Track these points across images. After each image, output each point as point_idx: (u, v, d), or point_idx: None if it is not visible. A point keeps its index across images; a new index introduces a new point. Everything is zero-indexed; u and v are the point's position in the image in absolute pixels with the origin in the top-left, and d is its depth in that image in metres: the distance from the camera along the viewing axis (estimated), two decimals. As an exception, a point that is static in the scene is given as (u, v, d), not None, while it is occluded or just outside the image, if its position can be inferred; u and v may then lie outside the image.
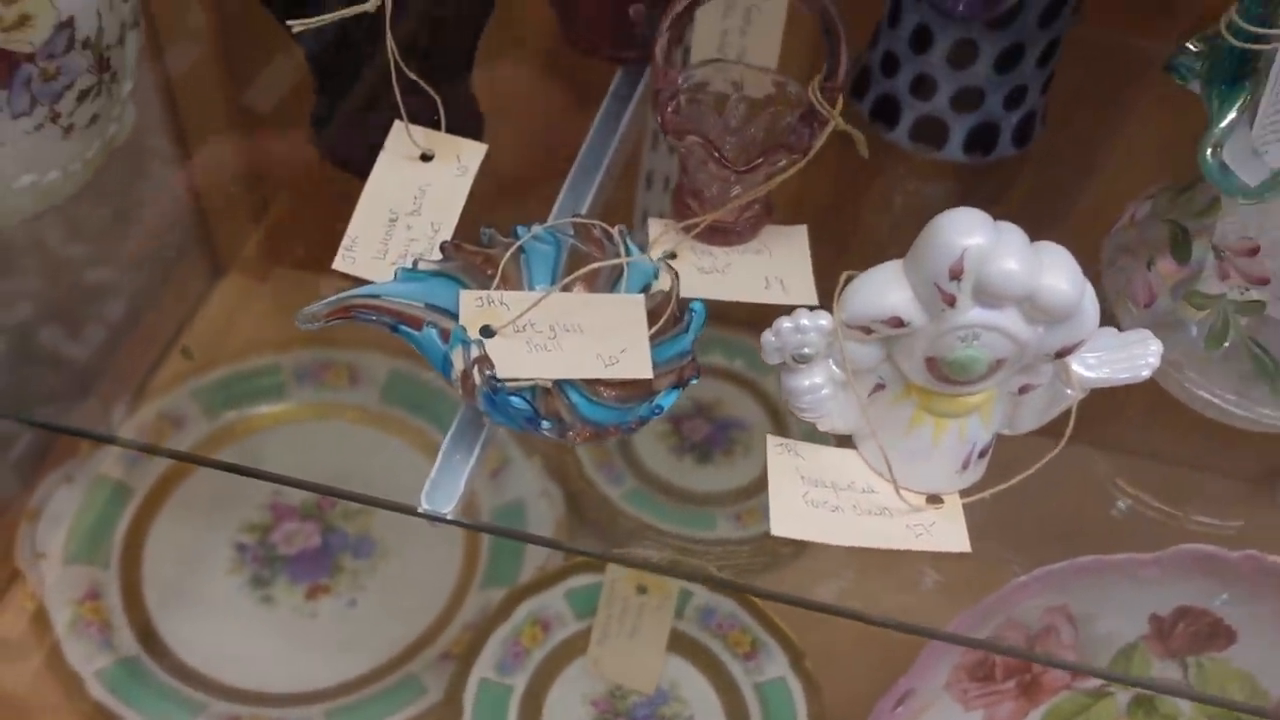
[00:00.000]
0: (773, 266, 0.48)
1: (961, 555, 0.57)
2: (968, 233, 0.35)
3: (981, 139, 0.53)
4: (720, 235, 0.48)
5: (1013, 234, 0.35)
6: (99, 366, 0.79)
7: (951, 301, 0.35)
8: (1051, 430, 0.43)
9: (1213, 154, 0.37)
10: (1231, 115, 0.38)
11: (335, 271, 0.45)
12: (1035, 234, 0.38)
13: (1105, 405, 0.50)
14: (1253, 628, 0.57)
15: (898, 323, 0.37)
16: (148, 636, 0.69)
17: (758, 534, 0.73)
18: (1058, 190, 0.56)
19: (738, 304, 0.46)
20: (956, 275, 0.35)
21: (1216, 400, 0.43)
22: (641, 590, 0.62)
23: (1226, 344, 0.42)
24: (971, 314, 0.36)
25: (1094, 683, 0.62)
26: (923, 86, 0.53)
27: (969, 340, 0.36)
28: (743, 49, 0.51)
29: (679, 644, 0.64)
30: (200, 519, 0.75)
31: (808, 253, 0.49)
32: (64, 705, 0.65)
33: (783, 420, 0.76)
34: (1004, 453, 0.43)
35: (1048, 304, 0.35)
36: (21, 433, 0.75)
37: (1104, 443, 0.52)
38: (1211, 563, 0.53)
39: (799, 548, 0.72)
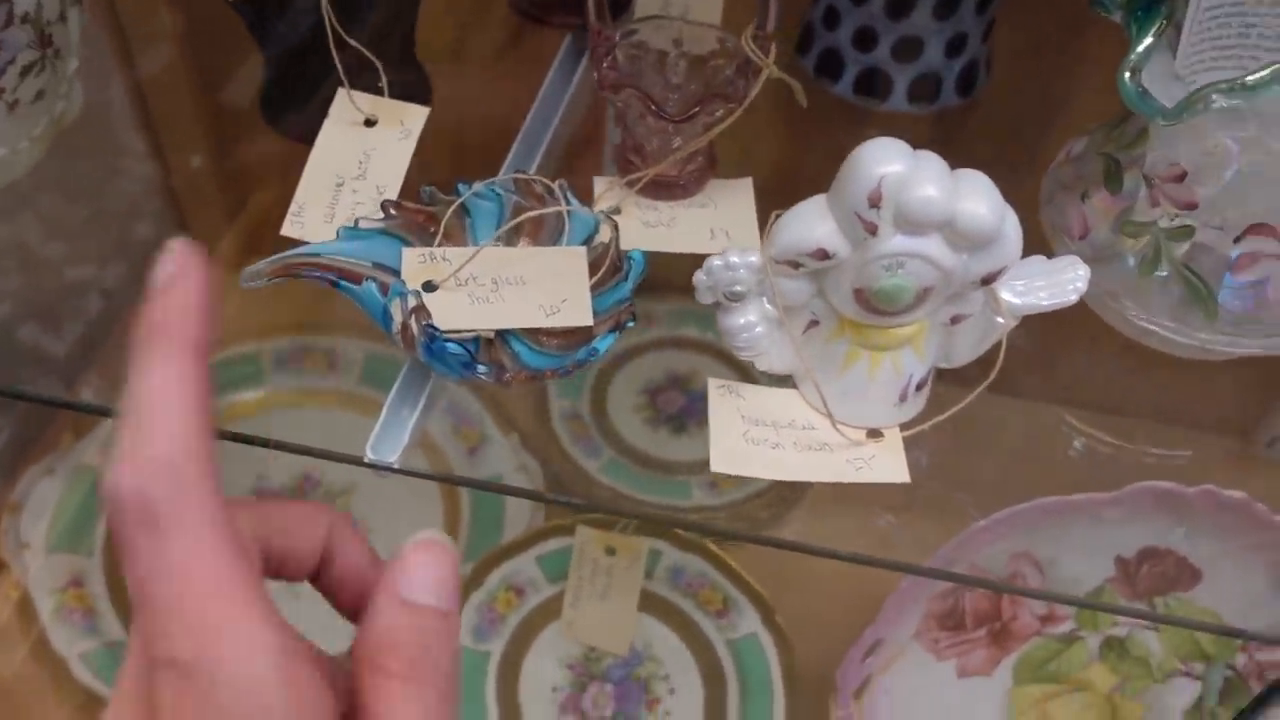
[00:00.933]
0: (718, 219, 0.49)
1: (926, 504, 0.57)
2: (885, 161, 0.35)
3: (925, 89, 0.54)
4: (665, 190, 0.49)
5: (931, 161, 0.36)
6: (80, 361, 0.80)
7: (873, 230, 0.36)
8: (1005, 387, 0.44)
9: (1131, 78, 0.38)
10: (1149, 40, 0.38)
11: (286, 237, 0.46)
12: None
13: (1051, 344, 0.51)
14: (1217, 566, 0.58)
15: (823, 255, 0.37)
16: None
17: (734, 500, 0.74)
18: (1004, 137, 0.57)
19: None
20: (875, 203, 0.35)
21: (1155, 328, 0.44)
22: (610, 552, 0.63)
23: (1161, 271, 0.43)
24: (894, 242, 0.36)
25: (1064, 628, 0.62)
26: (864, 39, 0.53)
27: (894, 269, 0.37)
28: (686, 6, 0.52)
29: (651, 604, 0.64)
30: (183, 506, 0.76)
31: (753, 204, 0.49)
32: (51, 689, 0.66)
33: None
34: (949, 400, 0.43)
35: (967, 229, 0.36)
36: (3, 426, 0.76)
37: (1053, 383, 0.53)
38: (1170, 499, 0.54)
39: (774, 512, 0.73)
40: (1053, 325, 0.47)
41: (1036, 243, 0.46)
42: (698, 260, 0.40)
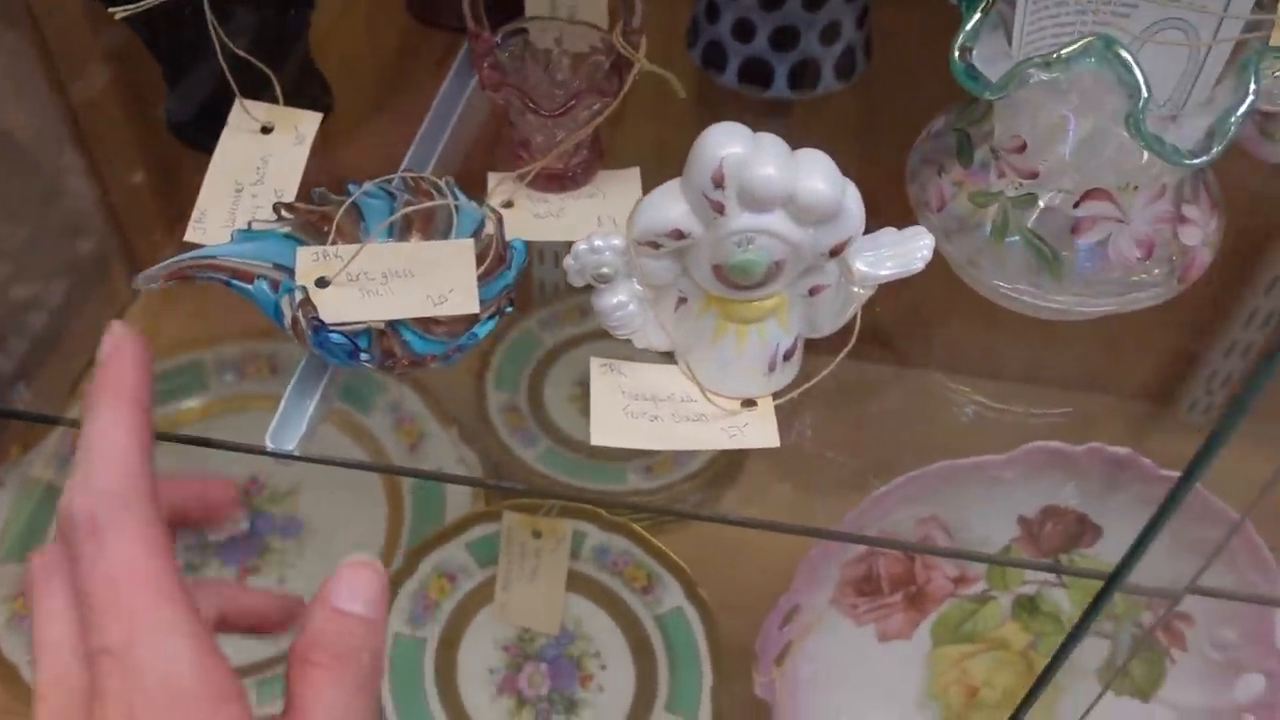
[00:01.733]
0: (605, 207, 0.51)
1: (833, 474, 0.60)
2: (726, 143, 0.38)
3: (804, 75, 0.56)
4: (556, 182, 0.51)
5: (771, 142, 0.38)
6: (25, 376, 0.82)
7: (720, 209, 0.38)
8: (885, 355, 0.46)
9: (960, 57, 0.40)
10: (976, 17, 0.41)
11: (190, 243, 0.48)
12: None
13: (927, 315, 0.54)
14: (1115, 521, 0.60)
15: (679, 235, 0.39)
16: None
17: (668, 483, 0.76)
18: (883, 119, 0.59)
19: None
20: (719, 183, 0.38)
21: (1015, 294, 0.46)
22: (537, 535, 0.65)
23: (1012, 237, 0.45)
24: (741, 219, 0.39)
25: (977, 588, 0.65)
26: (743, 30, 0.56)
27: (744, 245, 0.39)
28: (574, 7, 0.54)
29: (579, 584, 0.67)
30: (132, 514, 0.78)
31: (640, 192, 0.52)
32: (5, 696, 0.68)
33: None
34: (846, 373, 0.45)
35: (808, 204, 0.38)
36: (-49, 443, 0.78)
37: (937, 350, 0.55)
38: (1060, 458, 0.56)
39: (706, 494, 0.75)
40: (930, 295, 0.49)
41: (905, 216, 0.49)
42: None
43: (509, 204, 0.50)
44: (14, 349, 0.82)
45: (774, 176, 0.37)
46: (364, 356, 0.41)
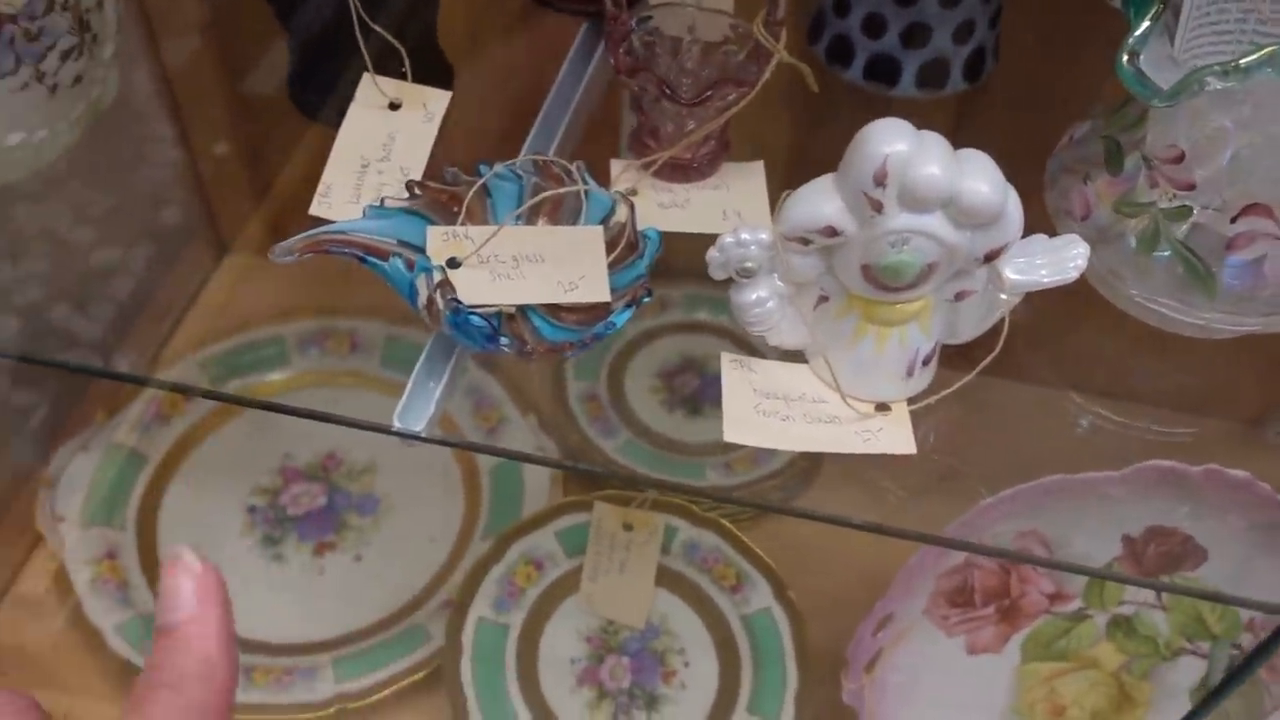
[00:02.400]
0: (730, 200, 0.50)
1: (935, 482, 0.59)
2: (890, 140, 0.36)
3: (933, 74, 0.55)
4: (680, 172, 0.50)
5: (934, 141, 0.37)
6: (109, 341, 0.82)
7: (879, 208, 0.37)
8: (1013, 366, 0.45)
9: (1129, 61, 0.39)
10: (1146, 24, 0.39)
11: (314, 217, 0.48)
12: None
13: (1058, 324, 0.52)
14: (1222, 546, 0.59)
15: (831, 232, 0.39)
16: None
17: (747, 481, 0.76)
18: (1010, 121, 0.58)
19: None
20: (881, 181, 0.37)
21: (1157, 307, 0.45)
22: (628, 527, 0.64)
23: (1161, 251, 0.44)
24: (899, 219, 0.38)
25: (1072, 606, 0.63)
26: (873, 25, 0.55)
27: (899, 245, 0.38)
28: (702, -7, 0.53)
29: (667, 579, 0.66)
30: (212, 484, 0.78)
31: (764, 186, 0.51)
32: (87, 659, 0.69)
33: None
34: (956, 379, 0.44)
35: (970, 207, 0.37)
36: (39, 404, 0.78)
37: (1059, 363, 0.54)
38: (1175, 478, 0.55)
39: (787, 494, 0.74)
40: (1060, 305, 0.48)
41: (1041, 225, 0.48)
42: (712, 243, 0.41)
43: (633, 192, 0.50)
44: (99, 313, 0.82)
45: (938, 176, 0.36)
46: (503, 341, 0.40)
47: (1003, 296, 0.41)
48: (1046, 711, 0.66)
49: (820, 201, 0.38)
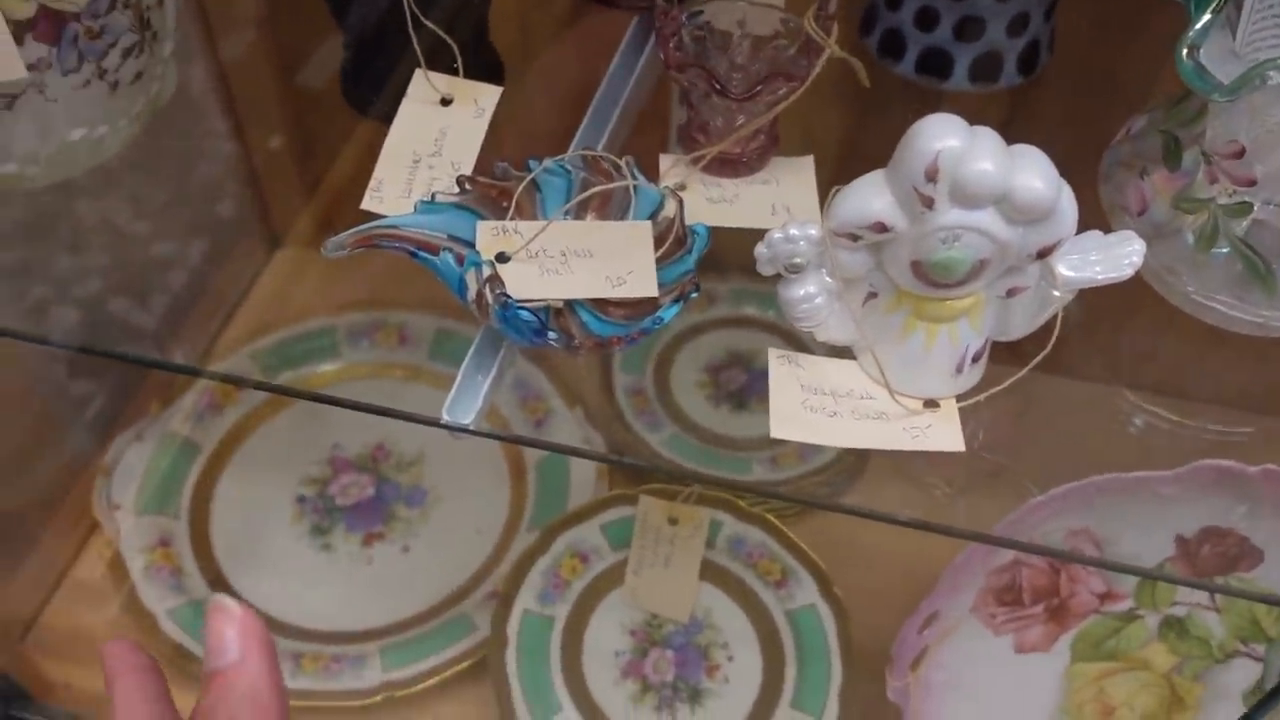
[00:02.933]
0: (780, 195, 0.50)
1: (984, 479, 0.58)
2: (942, 136, 0.36)
3: (986, 68, 0.55)
4: (729, 167, 0.50)
5: (987, 137, 0.37)
6: (166, 332, 0.84)
7: (930, 204, 0.37)
8: (1064, 363, 0.44)
9: (1189, 55, 0.38)
10: (1207, 17, 0.39)
11: (365, 211, 0.48)
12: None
13: (1110, 320, 0.52)
14: (1279, 546, 0.58)
15: (881, 228, 0.38)
16: (216, 580, 0.74)
17: (793, 476, 0.75)
18: (1065, 116, 0.57)
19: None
20: (932, 177, 0.36)
21: (1214, 304, 0.44)
22: (673, 521, 0.64)
23: (1219, 248, 0.43)
24: (950, 215, 0.37)
25: (1123, 606, 0.63)
26: (926, 18, 0.54)
27: (950, 242, 0.38)
28: (752, -11, 0.53)
29: (712, 573, 0.66)
30: (263, 474, 0.79)
31: (814, 182, 0.50)
32: (141, 643, 0.70)
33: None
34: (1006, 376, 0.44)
35: (1023, 203, 0.37)
36: (96, 394, 0.80)
37: (1111, 360, 0.53)
38: (1231, 478, 0.54)
39: (834, 490, 0.74)
40: (1112, 302, 0.47)
41: (1095, 221, 0.47)
42: (759, 238, 0.41)
43: (682, 187, 0.50)
44: (155, 306, 0.84)
45: (991, 172, 0.36)
46: (551, 335, 0.41)
47: (1055, 293, 0.40)
48: (1096, 712, 0.65)
49: (870, 197, 0.38)
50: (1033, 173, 0.36)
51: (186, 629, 0.70)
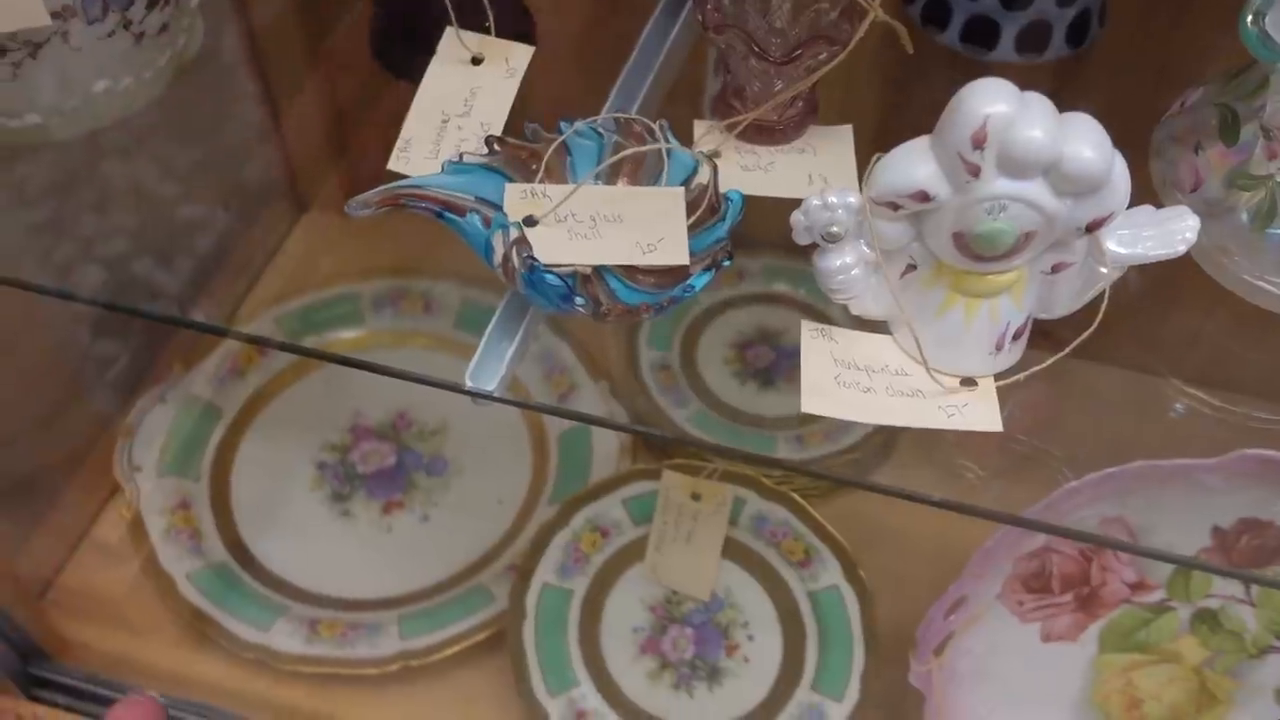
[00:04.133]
0: (817, 165, 0.49)
1: (1016, 464, 0.57)
2: (991, 100, 0.35)
3: (1034, 38, 0.53)
4: (765, 134, 0.49)
5: (1038, 102, 0.35)
6: (190, 294, 0.83)
7: (976, 172, 0.36)
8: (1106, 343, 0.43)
9: (1253, 22, 0.37)
10: (1273, -18, 0.37)
11: (393, 173, 0.47)
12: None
13: (1157, 300, 0.50)
14: (1320, 541, 0.56)
15: (923, 197, 0.37)
16: (235, 544, 0.74)
17: (819, 456, 0.74)
18: (1114, 89, 0.55)
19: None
20: (980, 144, 0.35)
21: (1268, 287, 0.43)
22: (696, 497, 0.63)
23: (1276, 227, 0.41)
24: (997, 185, 0.36)
25: (1155, 597, 0.61)
26: (973, -15, 0.52)
27: (995, 212, 0.36)
28: (793, -48, 0.51)
29: (734, 551, 0.65)
30: (284, 439, 0.79)
31: (852, 151, 0.49)
32: (159, 605, 0.70)
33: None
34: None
35: (1073, 173, 0.35)
36: (119, 356, 0.80)
37: (1157, 340, 0.51)
38: (1275, 468, 0.52)
39: (861, 471, 0.73)
40: (1158, 281, 0.46)
41: (1146, 198, 0.45)
42: (794, 210, 0.40)
43: (716, 154, 0.48)
44: (180, 268, 0.83)
45: (1040, 140, 0.35)
46: (579, 301, 0.40)
47: (1102, 270, 0.39)
48: (1122, 704, 0.64)
49: (913, 164, 0.37)
50: (1084, 142, 0.35)
51: (205, 592, 0.70)
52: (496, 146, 0.45)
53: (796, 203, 0.40)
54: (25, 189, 0.73)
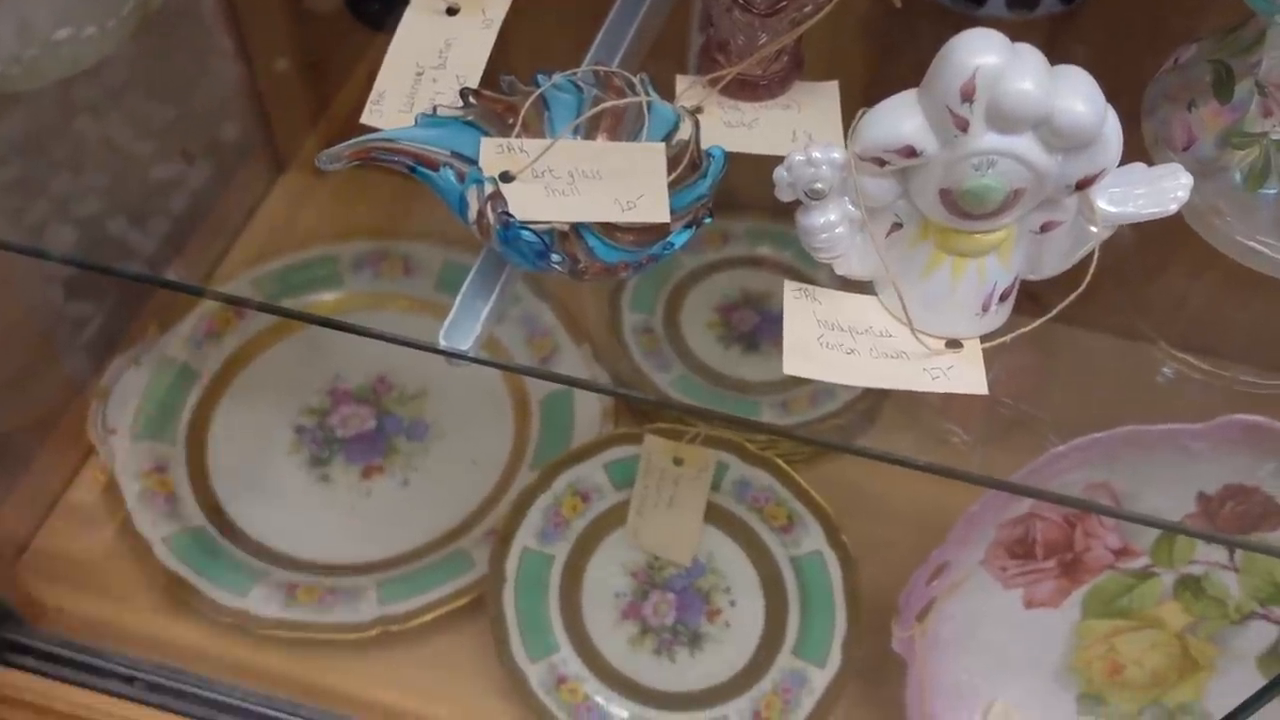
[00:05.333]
0: (801, 121, 0.48)
1: (1002, 429, 0.56)
2: (981, 52, 0.34)
3: (1025, -7, 0.52)
4: (749, 90, 0.48)
5: (1029, 55, 0.34)
6: (165, 255, 0.82)
7: (964, 126, 0.35)
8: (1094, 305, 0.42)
9: (1250, -28, 0.36)
10: (1272, -68, 0.36)
11: (367, 126, 0.46)
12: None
13: (1146, 262, 0.49)
14: (1306, 507, 0.56)
15: (910, 152, 0.36)
16: (212, 509, 0.73)
17: (804, 421, 0.73)
18: (1107, 46, 0.54)
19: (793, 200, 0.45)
20: (968, 96, 0.34)
21: (1259, 247, 0.42)
22: (678, 462, 0.63)
23: (1269, 188, 0.41)
24: (985, 139, 0.35)
25: (1138, 563, 0.61)
26: (963, -63, 0.51)
27: (983, 168, 0.35)
28: (778, -97, 0.50)
29: (716, 516, 0.64)
30: (261, 402, 0.78)
31: (838, 108, 0.48)
32: (136, 569, 0.69)
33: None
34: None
35: (1064, 128, 0.34)
36: (93, 316, 0.78)
37: (1146, 303, 0.51)
38: (1261, 434, 0.52)
39: (843, 436, 0.72)
40: (1148, 242, 0.45)
41: (1137, 157, 0.44)
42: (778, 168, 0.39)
43: (698, 110, 0.47)
44: (155, 228, 0.82)
45: (1031, 93, 0.34)
46: (555, 259, 0.38)
47: (1092, 229, 0.38)
48: (1104, 670, 0.64)
49: (900, 118, 0.36)
50: (1076, 96, 0.34)
51: (182, 557, 0.69)
52: (472, 99, 0.43)
53: (781, 161, 0.39)
54: (-6, 145, 0.71)
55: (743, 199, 0.78)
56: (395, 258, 0.81)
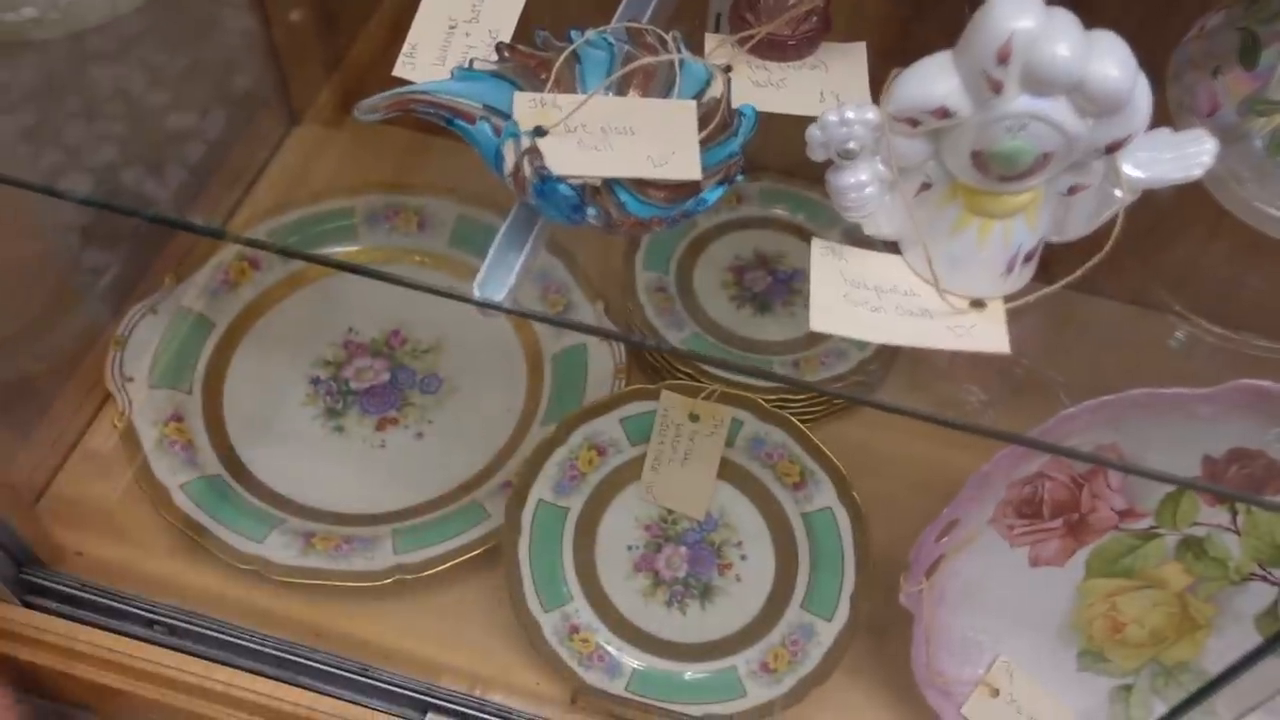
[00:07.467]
0: (829, 82, 0.48)
1: (1013, 391, 0.57)
2: (1017, 15, 0.34)
3: (1052, -43, 0.52)
4: (777, 50, 0.48)
5: (1065, 19, 0.35)
6: (181, 204, 0.82)
7: (998, 88, 0.35)
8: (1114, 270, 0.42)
9: (1283, -59, 0.36)
10: (1307, -100, 0.36)
11: (394, 79, 0.46)
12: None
13: (1164, 229, 0.50)
14: (1310, 472, 0.57)
15: (944, 113, 0.36)
16: (228, 457, 0.73)
17: (815, 381, 0.74)
18: (1133, 10, 0.54)
19: (808, 162, 0.45)
20: (1004, 59, 0.34)
21: (1278, 214, 0.42)
22: (694, 418, 0.63)
23: (1290, 154, 0.41)
24: (1019, 102, 0.35)
25: (1143, 524, 0.62)
26: (993, -100, 0.51)
27: (1015, 131, 0.36)
28: None
29: (729, 472, 0.65)
30: (277, 353, 0.78)
31: (865, 70, 0.48)
32: (153, 515, 0.70)
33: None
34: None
35: (1097, 92, 0.35)
36: (110, 264, 0.79)
37: (1164, 268, 0.51)
38: (1268, 399, 0.53)
39: (855, 395, 0.73)
40: (1168, 208, 0.46)
41: (1161, 123, 0.45)
42: (797, 137, 0.39)
43: (727, 69, 0.47)
44: (170, 178, 0.82)
45: (1066, 57, 0.34)
46: (591, 211, 0.39)
47: (1118, 193, 0.39)
48: (1105, 628, 0.65)
49: (935, 79, 0.36)
50: (1110, 60, 0.35)
51: (199, 503, 0.70)
52: (506, 54, 0.44)
53: (799, 124, 0.40)
54: (11, 93, 0.71)
55: (758, 160, 0.78)
56: (409, 212, 0.82)
